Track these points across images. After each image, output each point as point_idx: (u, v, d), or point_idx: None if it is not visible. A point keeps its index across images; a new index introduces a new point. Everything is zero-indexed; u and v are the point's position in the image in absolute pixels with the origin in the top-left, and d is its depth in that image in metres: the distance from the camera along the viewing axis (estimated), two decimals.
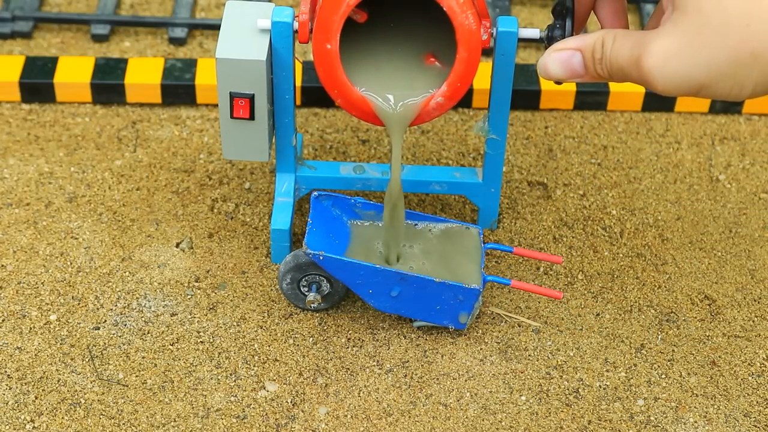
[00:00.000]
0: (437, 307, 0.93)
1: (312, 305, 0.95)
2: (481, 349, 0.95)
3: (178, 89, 1.14)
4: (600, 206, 1.07)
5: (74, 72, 1.14)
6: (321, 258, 0.91)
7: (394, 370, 0.94)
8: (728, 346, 0.97)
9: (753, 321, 0.98)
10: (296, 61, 0.94)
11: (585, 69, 0.83)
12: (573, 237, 1.04)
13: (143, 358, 0.93)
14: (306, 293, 0.95)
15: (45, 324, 0.95)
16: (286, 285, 0.95)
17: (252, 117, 0.93)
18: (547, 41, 0.90)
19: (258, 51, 0.91)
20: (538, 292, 0.94)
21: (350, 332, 0.96)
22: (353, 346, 0.95)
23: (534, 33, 0.92)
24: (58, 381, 0.92)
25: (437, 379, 0.93)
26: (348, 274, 0.92)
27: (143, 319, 0.96)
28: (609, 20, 0.89)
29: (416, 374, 0.93)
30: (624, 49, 0.81)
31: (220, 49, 0.91)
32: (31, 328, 0.95)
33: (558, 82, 0.90)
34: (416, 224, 0.97)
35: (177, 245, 1.02)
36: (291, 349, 0.95)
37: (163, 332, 0.95)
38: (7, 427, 0.89)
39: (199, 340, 0.95)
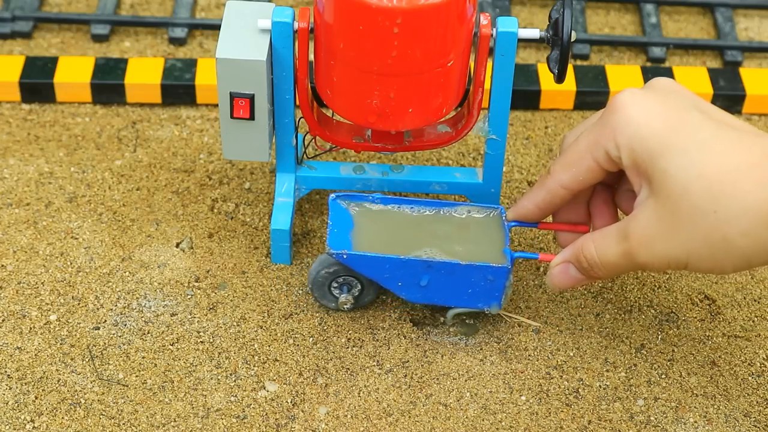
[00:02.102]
0: (469, 290, 0.92)
1: (344, 306, 0.95)
2: (481, 349, 0.95)
3: (178, 89, 1.14)
4: None
5: (74, 72, 1.14)
6: (344, 256, 0.91)
7: (394, 370, 0.94)
8: (728, 346, 0.97)
9: (753, 321, 0.98)
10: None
11: (584, 275, 0.89)
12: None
13: (143, 358, 0.93)
14: (338, 295, 0.95)
15: (45, 324, 0.95)
16: (317, 292, 0.96)
17: (252, 117, 0.93)
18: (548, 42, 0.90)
19: (258, 51, 0.91)
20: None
21: (350, 332, 0.96)
22: (353, 346, 0.95)
23: (534, 33, 0.92)
24: (58, 381, 0.92)
25: (437, 379, 0.93)
26: (374, 269, 0.92)
27: (143, 319, 0.96)
28: (599, 211, 0.93)
29: (416, 374, 0.93)
30: (610, 248, 0.85)
31: (220, 49, 0.91)
32: (31, 328, 0.95)
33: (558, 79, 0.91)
34: (438, 210, 0.96)
35: (177, 245, 1.02)
36: (291, 349, 0.95)
37: (163, 332, 0.95)
38: (7, 427, 0.89)
39: (199, 340, 0.95)
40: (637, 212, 0.83)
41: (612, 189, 0.93)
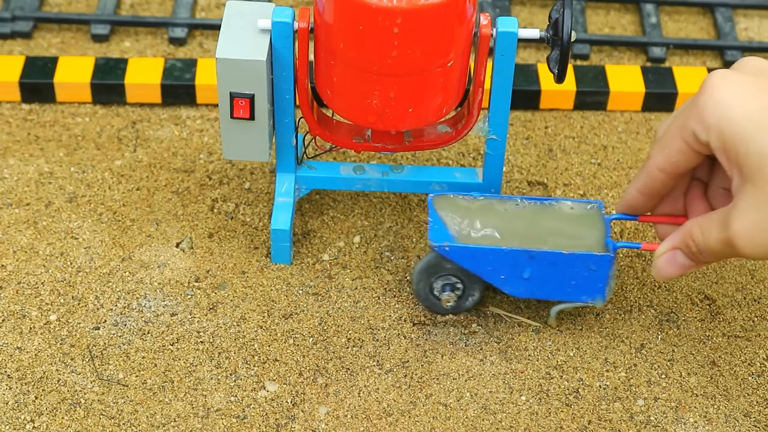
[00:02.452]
0: (572, 282, 0.92)
1: (448, 304, 0.95)
2: (481, 349, 0.95)
3: (178, 89, 1.14)
4: None
5: (74, 72, 1.14)
6: (446, 248, 0.91)
7: (394, 370, 0.94)
8: (728, 346, 0.97)
9: (753, 321, 0.98)
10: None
11: (692, 261, 0.86)
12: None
13: (143, 358, 0.93)
14: (440, 296, 0.95)
15: (45, 324, 0.96)
16: (422, 291, 0.96)
17: (252, 117, 0.93)
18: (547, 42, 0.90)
19: (258, 51, 0.91)
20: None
21: (350, 332, 0.96)
22: (353, 346, 0.95)
23: (534, 33, 0.92)
24: (58, 381, 0.92)
25: (437, 379, 0.93)
26: (476, 261, 0.91)
27: (143, 319, 0.96)
28: (695, 206, 0.91)
29: (416, 374, 0.93)
30: (712, 235, 0.83)
31: (220, 49, 0.91)
32: (31, 328, 0.95)
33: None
34: (537, 205, 0.96)
35: (177, 245, 1.02)
36: (291, 349, 0.95)
37: (163, 332, 0.95)
38: (7, 427, 0.89)
39: (199, 340, 0.95)
40: (737, 200, 0.80)
41: (706, 186, 0.92)
